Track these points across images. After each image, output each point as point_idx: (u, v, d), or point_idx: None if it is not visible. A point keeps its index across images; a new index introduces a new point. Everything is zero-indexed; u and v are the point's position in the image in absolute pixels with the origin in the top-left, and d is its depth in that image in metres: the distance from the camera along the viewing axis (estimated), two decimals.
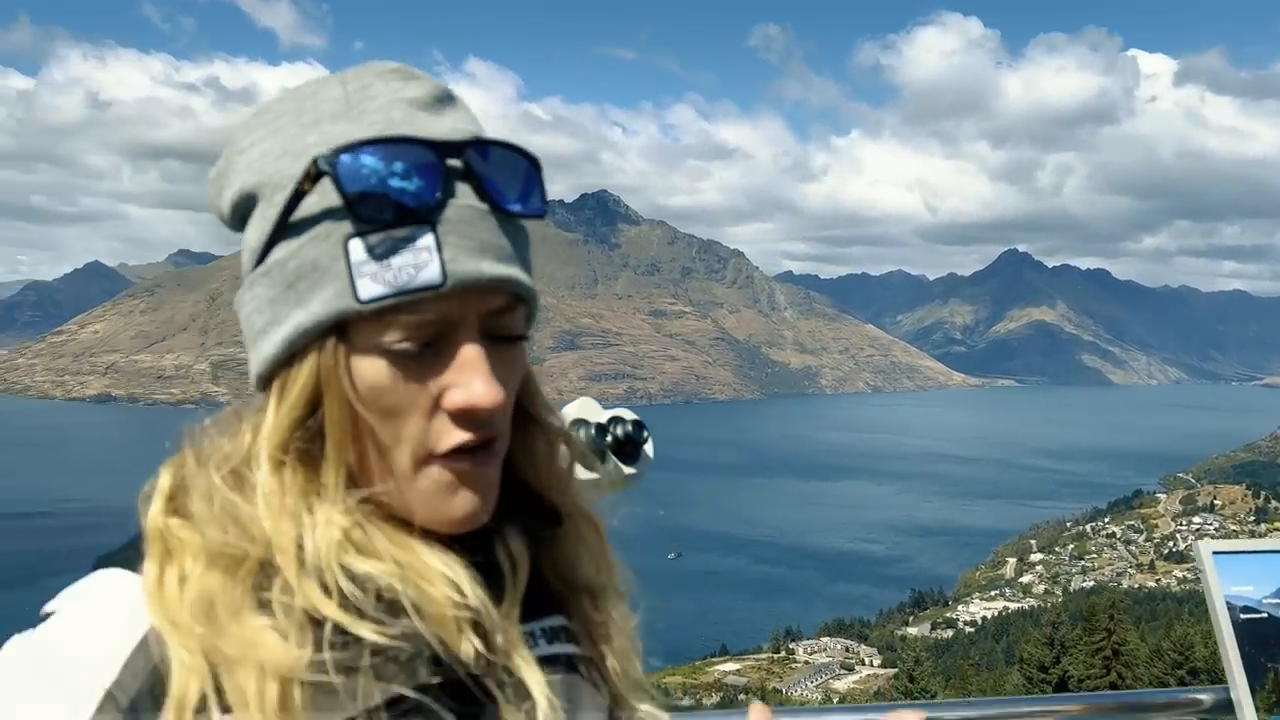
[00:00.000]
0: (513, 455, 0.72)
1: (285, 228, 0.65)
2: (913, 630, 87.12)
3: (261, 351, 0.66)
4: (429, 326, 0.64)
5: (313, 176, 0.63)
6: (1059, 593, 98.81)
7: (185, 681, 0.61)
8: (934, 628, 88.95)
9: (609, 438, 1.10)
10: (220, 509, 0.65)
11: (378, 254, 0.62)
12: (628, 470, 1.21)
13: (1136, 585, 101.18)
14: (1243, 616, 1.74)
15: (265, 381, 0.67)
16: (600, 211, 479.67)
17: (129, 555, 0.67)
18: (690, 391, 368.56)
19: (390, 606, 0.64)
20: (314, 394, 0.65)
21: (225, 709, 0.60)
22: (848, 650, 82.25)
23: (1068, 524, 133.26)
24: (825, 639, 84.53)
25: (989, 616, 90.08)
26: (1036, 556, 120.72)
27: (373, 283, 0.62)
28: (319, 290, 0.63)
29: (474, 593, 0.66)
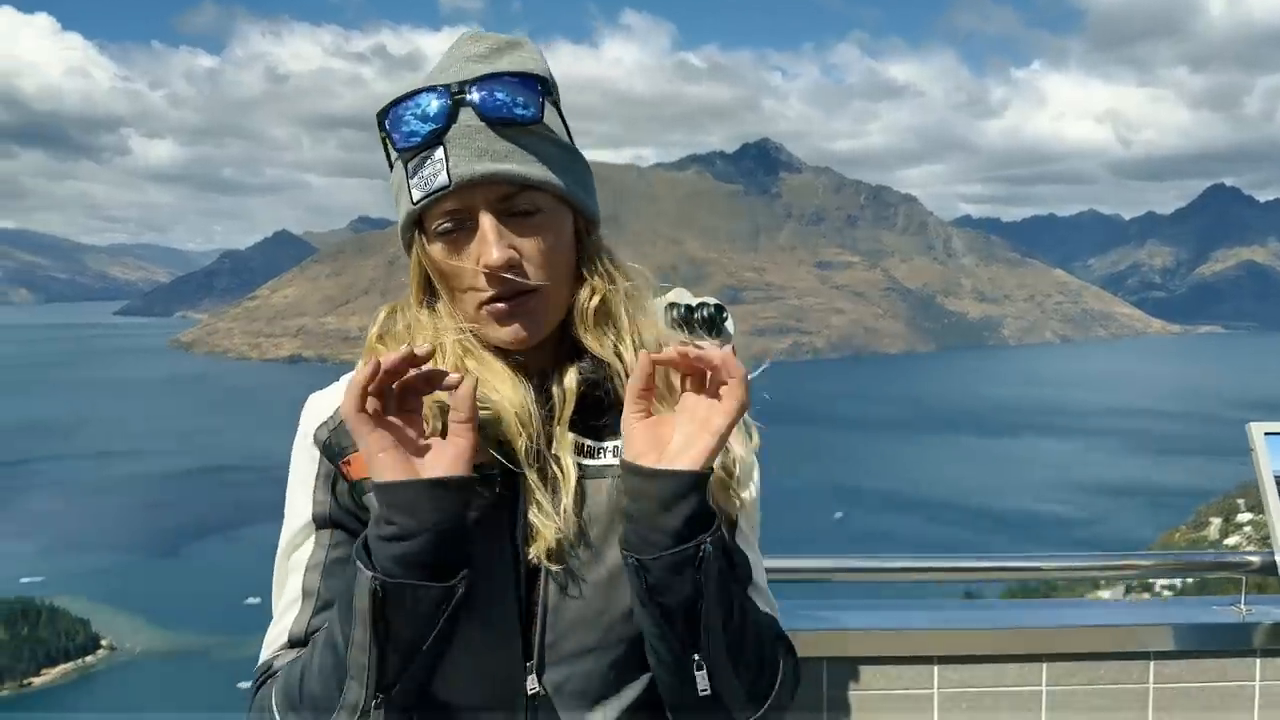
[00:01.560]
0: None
1: (390, 162, 1.05)
2: (1104, 594, 79.13)
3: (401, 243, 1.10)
4: (456, 213, 1.00)
5: (380, 127, 1.03)
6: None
7: None
8: (1128, 591, 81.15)
9: (696, 316, 1.42)
10: (401, 332, 1.08)
11: (416, 170, 1.00)
12: (710, 341, 1.67)
13: None
14: None
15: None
16: (761, 161, 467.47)
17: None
18: (859, 345, 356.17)
19: (484, 399, 1.01)
20: (422, 269, 1.07)
21: None
22: None
23: None
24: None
25: (1190, 581, 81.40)
26: (1245, 517, 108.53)
27: (416, 190, 1.00)
28: (402, 199, 1.03)
29: (525, 399, 1.03)
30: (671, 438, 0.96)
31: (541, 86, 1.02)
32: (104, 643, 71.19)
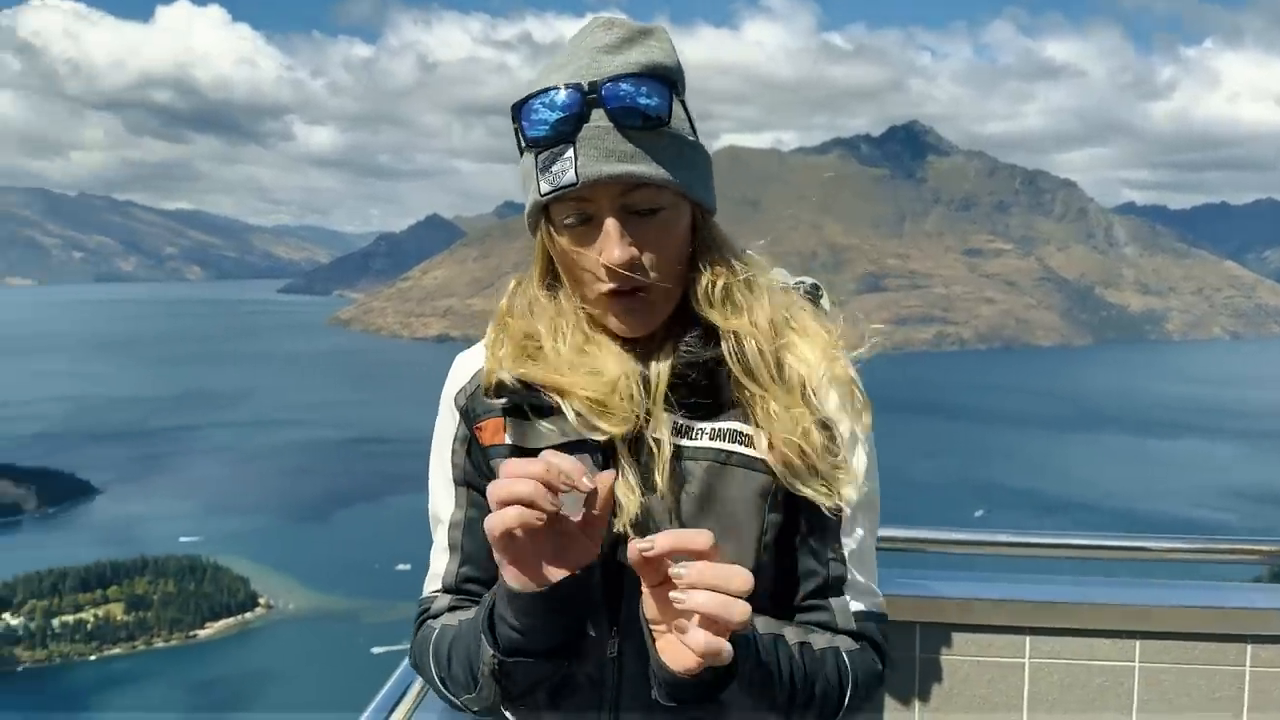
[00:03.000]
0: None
1: (521, 149, 1.08)
2: None
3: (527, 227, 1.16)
4: (582, 207, 1.06)
5: (514, 119, 1.07)
6: None
7: (490, 383, 1.13)
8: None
9: None
10: (525, 308, 1.17)
11: (545, 165, 1.04)
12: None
13: None
14: None
15: None
16: (908, 144, 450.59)
17: None
18: (1009, 337, 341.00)
19: (591, 379, 1.11)
20: (546, 253, 1.15)
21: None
22: None
23: None
24: None
25: None
26: None
27: (545, 183, 1.05)
28: (530, 189, 1.08)
29: (628, 381, 1.10)
30: (688, 625, 0.92)
31: (670, 84, 1.06)
32: (262, 601, 75.36)
